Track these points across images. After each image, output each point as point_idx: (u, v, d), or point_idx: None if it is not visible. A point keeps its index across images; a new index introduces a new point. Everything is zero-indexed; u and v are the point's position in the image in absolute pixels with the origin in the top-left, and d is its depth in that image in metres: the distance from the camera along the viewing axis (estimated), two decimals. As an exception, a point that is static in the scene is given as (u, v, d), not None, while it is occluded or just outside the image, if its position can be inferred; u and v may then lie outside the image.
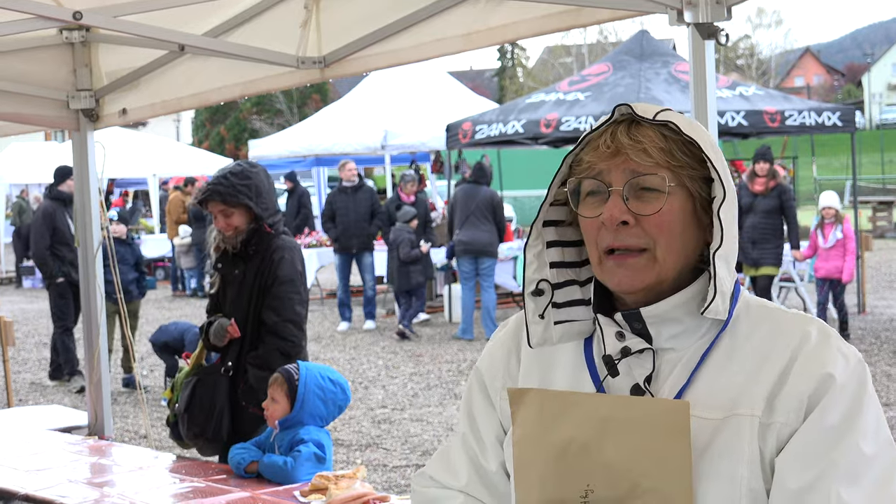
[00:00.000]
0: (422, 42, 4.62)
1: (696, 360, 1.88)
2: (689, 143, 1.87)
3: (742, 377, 1.84)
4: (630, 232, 1.86)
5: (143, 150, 26.16)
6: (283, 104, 52.55)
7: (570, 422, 1.85)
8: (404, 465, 8.39)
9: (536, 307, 1.98)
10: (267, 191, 5.45)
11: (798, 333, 1.87)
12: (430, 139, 19.35)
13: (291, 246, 5.56)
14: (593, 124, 8.56)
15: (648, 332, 1.90)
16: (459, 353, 13.41)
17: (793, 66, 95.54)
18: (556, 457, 1.86)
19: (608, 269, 1.89)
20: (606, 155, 1.88)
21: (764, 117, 14.26)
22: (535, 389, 1.93)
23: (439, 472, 2.16)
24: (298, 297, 5.48)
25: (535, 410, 1.90)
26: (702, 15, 3.70)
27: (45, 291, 22.65)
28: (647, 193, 1.86)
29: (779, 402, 1.81)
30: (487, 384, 2.11)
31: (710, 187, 1.89)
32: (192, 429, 5.53)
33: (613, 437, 1.81)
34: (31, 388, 12.16)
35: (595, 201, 1.90)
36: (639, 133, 1.88)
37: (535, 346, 1.98)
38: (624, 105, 1.92)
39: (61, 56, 5.69)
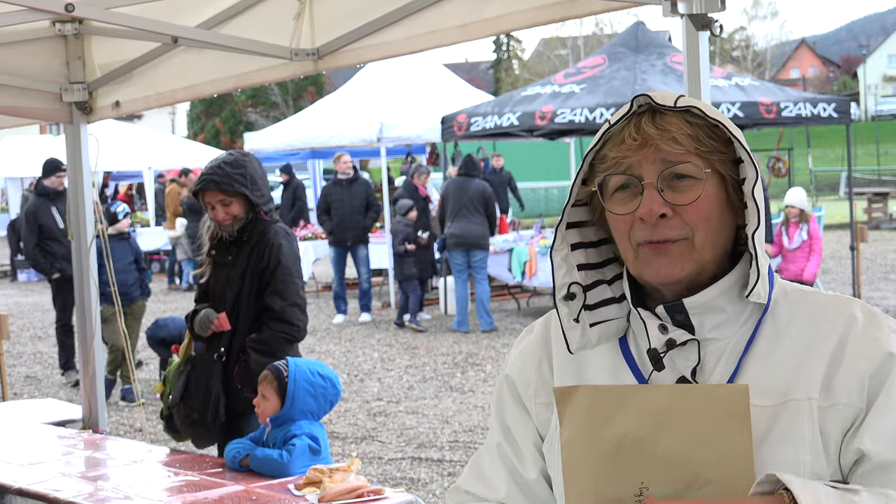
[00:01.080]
0: (416, 34, 4.60)
1: (742, 348, 1.85)
2: (714, 126, 1.84)
3: (791, 362, 1.82)
4: (669, 224, 1.82)
5: (139, 143, 26.11)
6: (278, 96, 52.52)
7: (622, 417, 1.79)
8: (399, 458, 8.38)
9: (570, 311, 1.93)
10: (260, 178, 5.49)
11: (843, 315, 1.84)
12: (425, 131, 19.31)
13: (288, 233, 5.62)
14: (589, 117, 8.63)
15: (691, 323, 1.86)
16: (455, 346, 13.41)
17: (788, 58, 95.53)
18: (610, 454, 1.79)
19: (646, 260, 1.84)
20: (634, 148, 1.83)
21: (760, 108, 14.26)
22: (584, 386, 1.86)
23: (475, 486, 2.09)
24: (301, 283, 5.57)
25: (584, 408, 1.83)
26: (696, 6, 3.68)
27: (40, 285, 22.77)
28: (682, 182, 1.82)
29: (837, 384, 1.78)
30: (521, 392, 2.05)
31: (738, 169, 1.86)
32: (190, 415, 5.55)
33: (669, 429, 1.75)
34: (26, 382, 12.15)
35: (625, 196, 1.85)
36: (664, 122, 1.83)
37: (575, 351, 1.93)
38: (642, 95, 1.87)
39: (54, 48, 5.66)
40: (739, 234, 1.90)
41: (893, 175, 43.95)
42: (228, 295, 5.53)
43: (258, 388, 4.91)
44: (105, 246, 5.93)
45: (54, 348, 14.34)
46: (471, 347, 13.24)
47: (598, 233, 1.96)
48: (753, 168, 1.82)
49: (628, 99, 7.14)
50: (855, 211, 16.60)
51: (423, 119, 19.03)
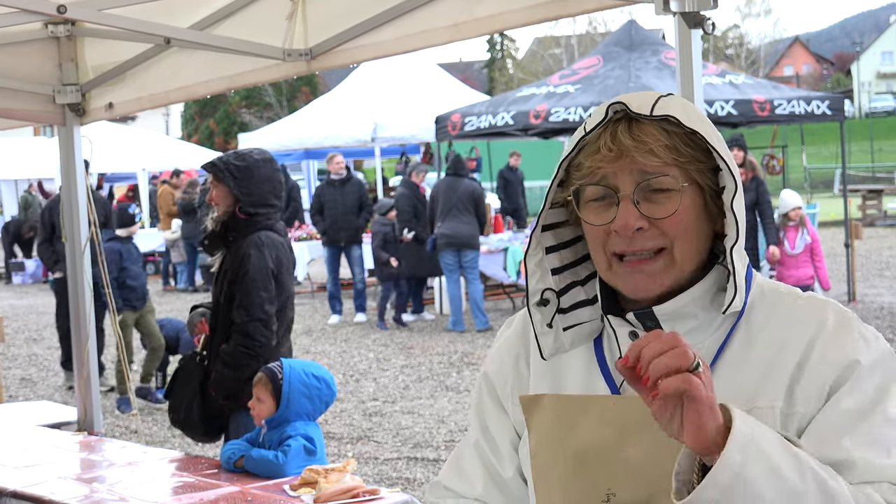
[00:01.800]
0: (408, 33, 4.60)
1: (713, 355, 1.83)
2: (692, 133, 1.80)
3: (760, 368, 1.80)
4: (645, 235, 1.79)
5: (133, 145, 26.10)
6: (272, 97, 52.50)
7: (587, 426, 1.81)
8: (395, 458, 8.38)
9: (543, 317, 1.91)
10: (259, 180, 5.42)
11: (814, 320, 1.82)
12: (419, 131, 19.34)
13: (267, 242, 5.43)
14: (583, 115, 8.64)
15: (662, 329, 1.82)
16: (450, 345, 13.41)
17: (782, 56, 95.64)
18: (576, 462, 1.81)
19: (621, 275, 1.82)
20: (609, 158, 1.80)
21: (753, 106, 14.26)
22: (549, 395, 1.88)
23: (454, 482, 2.09)
24: (267, 296, 5.37)
25: (550, 416, 1.85)
26: (688, 4, 3.68)
27: (34, 287, 22.76)
28: (658, 194, 1.79)
29: (799, 392, 1.77)
30: (498, 390, 2.05)
31: (717, 177, 1.82)
32: (173, 416, 5.66)
33: (633, 439, 1.76)
34: (21, 384, 12.13)
35: (600, 206, 1.82)
36: (641, 132, 1.79)
37: (548, 357, 1.92)
38: (617, 101, 1.82)
39: (46, 50, 5.66)
40: (715, 241, 1.87)
41: (888, 172, 43.98)
42: (213, 297, 5.61)
43: (253, 390, 4.91)
44: (98, 244, 5.91)
45: (49, 350, 14.34)
46: (466, 347, 13.24)
47: (574, 231, 1.95)
48: (732, 179, 1.79)
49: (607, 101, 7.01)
50: (849, 208, 16.60)
51: (418, 119, 19.05)
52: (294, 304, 5.73)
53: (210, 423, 5.49)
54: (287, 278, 5.54)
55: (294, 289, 5.71)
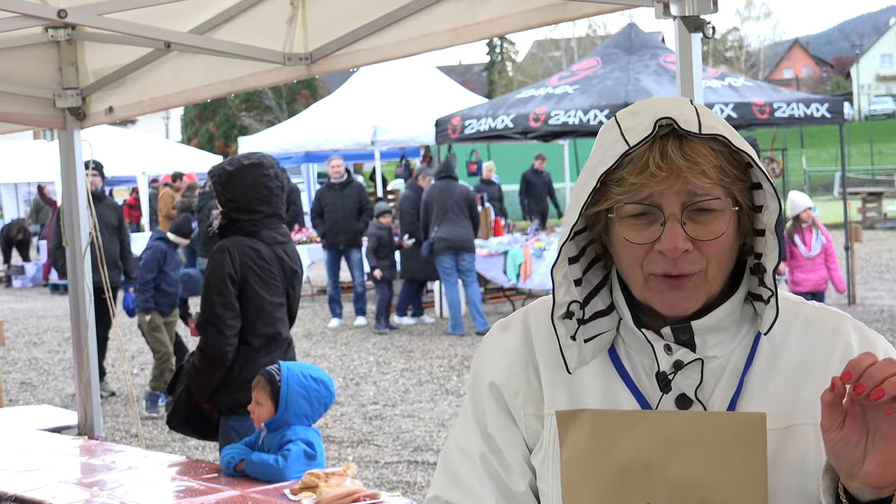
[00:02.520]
0: (408, 37, 4.60)
1: (742, 367, 1.82)
2: (736, 152, 1.75)
3: (791, 384, 1.80)
4: (689, 258, 1.75)
5: (133, 148, 26.12)
6: (272, 101, 52.52)
7: (630, 441, 1.76)
8: (396, 462, 8.38)
9: (567, 330, 1.86)
10: (244, 185, 5.35)
11: (840, 337, 1.82)
12: (419, 134, 19.35)
13: (234, 247, 5.35)
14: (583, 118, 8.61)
15: (693, 342, 1.81)
16: (450, 349, 13.41)
17: (781, 58, 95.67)
18: (615, 478, 1.77)
19: (658, 292, 1.79)
20: (660, 178, 1.73)
21: (753, 109, 14.27)
22: (589, 410, 1.82)
23: (458, 497, 1.96)
24: (220, 300, 5.27)
25: (587, 431, 1.80)
26: (688, 8, 3.69)
27: (34, 290, 22.75)
28: (704, 215, 1.75)
29: None
30: (508, 401, 1.95)
31: (751, 193, 1.80)
32: (167, 416, 5.73)
33: (681, 454, 1.73)
34: (21, 388, 12.13)
35: (641, 224, 1.77)
36: (693, 151, 1.74)
37: (574, 370, 1.87)
38: (665, 118, 1.75)
39: (47, 54, 5.66)
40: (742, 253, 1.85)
41: (887, 175, 44.01)
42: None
43: (252, 393, 4.91)
44: (98, 244, 5.91)
45: (49, 354, 14.34)
46: (466, 350, 13.24)
47: (587, 237, 1.90)
48: (776, 199, 1.77)
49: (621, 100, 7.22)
50: (849, 211, 16.62)
51: (417, 122, 19.06)
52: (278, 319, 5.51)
53: (201, 424, 5.52)
54: (259, 287, 5.38)
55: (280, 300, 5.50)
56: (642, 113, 1.79)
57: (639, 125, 1.76)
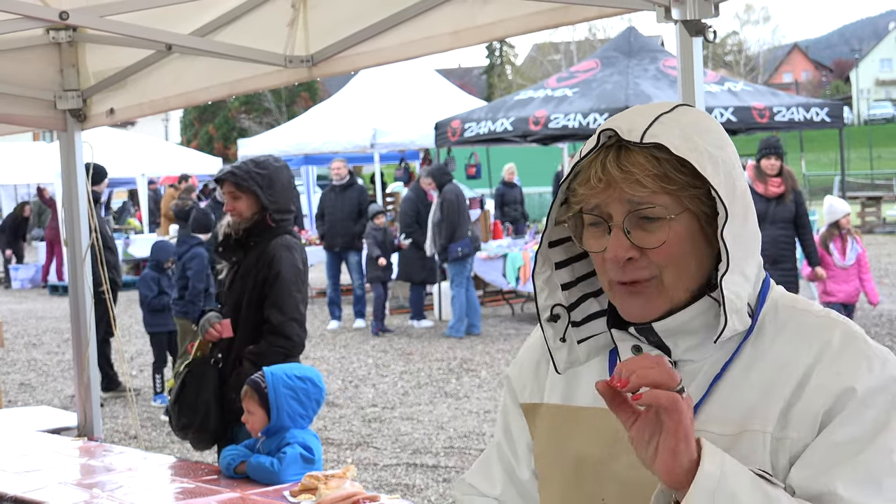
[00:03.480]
0: (409, 40, 4.61)
1: (715, 372, 1.81)
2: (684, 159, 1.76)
3: (759, 390, 1.77)
4: (637, 265, 1.78)
5: (132, 150, 26.11)
6: (271, 103, 52.51)
7: (581, 436, 1.83)
8: (395, 464, 8.38)
9: (555, 332, 1.91)
10: (282, 186, 5.51)
11: (819, 340, 1.78)
12: (419, 137, 19.35)
13: (293, 245, 5.59)
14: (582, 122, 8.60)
15: (665, 344, 1.83)
16: (449, 352, 13.41)
17: (781, 62, 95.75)
18: (572, 471, 1.85)
19: (620, 298, 1.83)
20: (599, 189, 1.78)
21: (753, 113, 14.28)
22: (546, 405, 1.91)
23: (478, 480, 2.15)
24: (300, 296, 5.52)
25: (547, 425, 1.89)
26: (689, 12, 3.69)
27: (34, 292, 22.75)
28: (650, 223, 1.77)
29: (792, 417, 1.74)
30: (517, 392, 2.08)
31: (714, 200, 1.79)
32: (181, 420, 5.59)
33: (626, 451, 1.74)
34: (21, 389, 12.12)
35: (597, 232, 1.81)
36: (628, 161, 1.76)
37: (563, 371, 1.92)
38: (608, 128, 1.79)
39: (48, 56, 5.66)
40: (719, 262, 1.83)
41: (886, 179, 44.01)
42: (230, 300, 5.58)
43: (242, 404, 4.91)
44: (98, 245, 5.92)
45: (48, 355, 14.34)
46: (465, 353, 13.24)
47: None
48: (724, 207, 1.74)
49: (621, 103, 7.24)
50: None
51: (417, 125, 19.07)
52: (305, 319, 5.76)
53: (224, 430, 5.49)
54: (307, 282, 5.69)
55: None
56: (610, 121, 1.83)
57: (591, 140, 1.82)
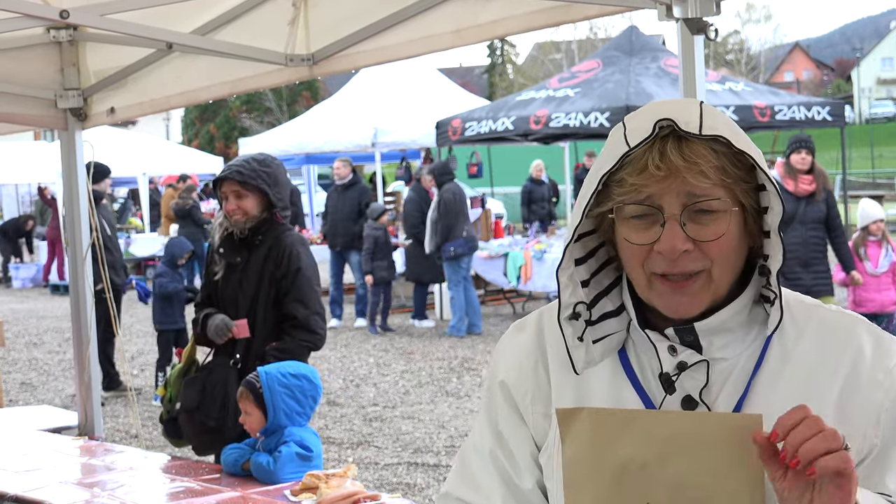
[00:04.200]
0: (411, 39, 4.60)
1: (750, 370, 1.81)
2: (740, 153, 1.75)
3: (799, 386, 1.78)
4: (689, 257, 1.75)
5: (133, 149, 26.11)
6: (272, 102, 52.51)
7: (629, 440, 1.76)
8: (395, 463, 8.38)
9: (574, 331, 1.87)
10: (283, 183, 5.52)
11: (852, 339, 1.81)
12: (420, 136, 19.35)
13: (304, 241, 5.64)
14: (583, 120, 8.60)
15: (699, 343, 1.81)
16: (451, 351, 13.40)
17: (782, 61, 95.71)
18: (614, 476, 1.76)
19: (662, 294, 1.79)
20: (658, 178, 1.74)
21: (754, 112, 14.29)
22: (589, 409, 1.82)
23: (468, 494, 2.00)
24: (320, 291, 5.59)
25: (587, 429, 1.79)
26: (691, 10, 3.69)
27: (34, 291, 22.75)
28: (705, 216, 1.75)
29: (851, 412, 1.76)
30: (517, 399, 1.98)
31: (758, 195, 1.79)
32: (207, 422, 5.49)
33: (679, 455, 1.72)
34: (21, 389, 12.12)
35: (642, 225, 1.78)
36: (692, 152, 1.74)
37: (581, 370, 1.88)
38: (664, 119, 1.75)
39: (49, 55, 5.66)
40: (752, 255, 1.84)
41: (888, 178, 44.00)
42: (242, 299, 5.51)
43: (239, 405, 4.90)
44: (98, 244, 5.91)
45: (49, 355, 14.34)
46: (466, 352, 13.24)
47: (598, 239, 1.91)
48: (779, 200, 1.75)
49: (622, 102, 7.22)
50: (850, 214, 16.60)
51: (418, 124, 19.07)
52: None
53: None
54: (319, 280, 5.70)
55: None
56: (646, 114, 1.79)
57: (640, 126, 1.77)
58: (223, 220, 5.53)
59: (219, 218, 5.63)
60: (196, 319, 5.64)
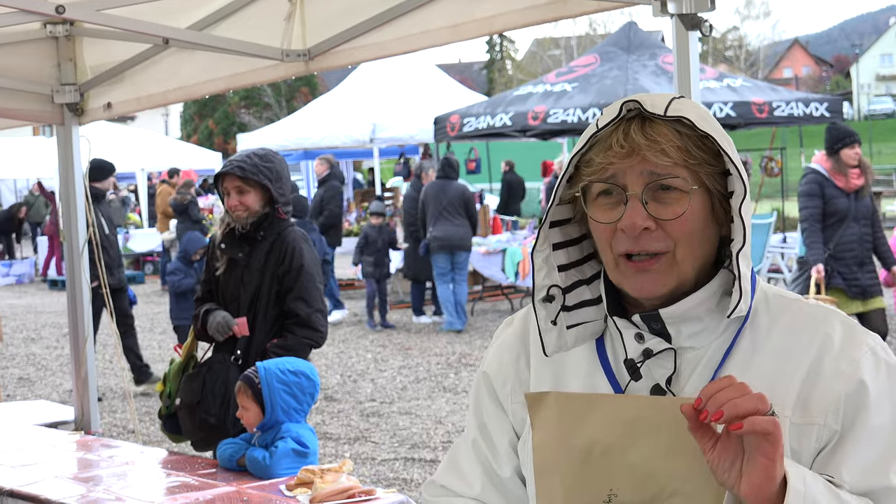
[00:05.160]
0: (407, 34, 4.61)
1: (719, 359, 1.82)
2: (704, 137, 1.79)
3: (766, 375, 1.79)
4: (651, 236, 1.79)
5: (132, 145, 26.11)
6: (271, 98, 52.50)
7: (592, 424, 1.79)
8: (392, 459, 8.38)
9: (548, 314, 1.90)
10: (285, 179, 5.50)
11: (821, 330, 1.81)
12: (418, 132, 19.36)
13: (307, 237, 5.62)
14: (581, 116, 8.59)
15: (667, 332, 1.84)
16: (448, 346, 13.41)
17: (781, 58, 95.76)
18: (579, 460, 1.80)
19: (627, 275, 1.82)
20: (621, 155, 1.78)
21: (752, 108, 14.28)
22: (555, 393, 1.86)
23: (451, 481, 2.08)
24: (323, 288, 5.59)
25: (554, 414, 1.83)
26: (685, 6, 3.69)
27: (32, 286, 22.74)
28: (667, 195, 1.78)
29: (813, 403, 1.77)
30: (497, 389, 2.03)
31: (726, 181, 1.82)
32: (208, 419, 5.47)
33: (639, 439, 1.74)
34: (19, 384, 12.13)
35: (608, 203, 1.82)
36: (654, 131, 1.78)
37: (551, 354, 1.91)
38: (631, 101, 1.81)
39: (45, 50, 5.66)
40: (722, 244, 1.86)
41: (886, 174, 44.03)
42: (243, 295, 5.51)
43: (237, 400, 4.90)
44: (95, 240, 5.91)
45: (47, 350, 14.34)
46: (464, 348, 13.24)
47: (580, 229, 1.94)
48: (742, 183, 1.78)
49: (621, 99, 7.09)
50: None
51: (416, 120, 19.07)
52: None
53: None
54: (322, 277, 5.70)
55: None
56: (618, 102, 1.85)
57: (610, 111, 1.84)
58: (225, 216, 5.53)
59: (221, 213, 5.63)
60: (196, 315, 5.62)
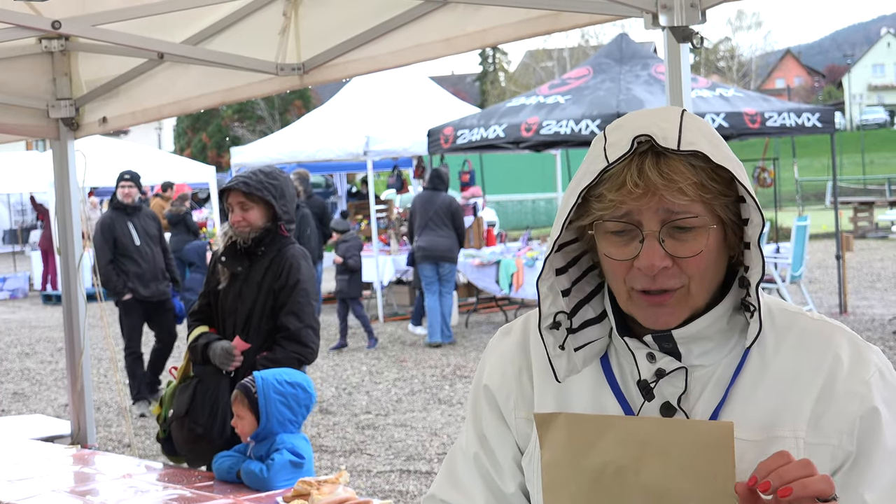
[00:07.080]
0: (401, 47, 4.63)
1: (729, 377, 1.82)
2: (718, 167, 1.75)
3: (777, 395, 1.79)
4: (668, 273, 1.76)
5: (125, 159, 26.04)
6: (264, 111, 52.53)
7: (605, 445, 1.77)
8: (388, 471, 8.39)
9: (556, 340, 1.88)
10: (290, 196, 5.54)
11: (830, 349, 1.81)
12: (412, 144, 19.35)
13: (306, 254, 5.64)
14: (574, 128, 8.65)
15: (678, 350, 1.83)
16: (443, 358, 13.42)
17: (773, 68, 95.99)
18: (590, 481, 1.78)
19: (641, 307, 1.80)
20: (636, 195, 1.74)
21: (744, 119, 14.30)
22: (566, 414, 1.83)
23: (452, 496, 2.03)
24: (316, 305, 5.62)
25: (564, 434, 1.81)
26: (676, 18, 3.72)
27: (27, 301, 22.72)
28: (684, 233, 1.75)
29: (827, 423, 1.77)
30: (500, 404, 2.00)
31: (738, 207, 1.79)
32: (195, 429, 5.49)
33: (653, 460, 1.73)
34: (14, 399, 12.12)
35: (622, 241, 1.78)
36: (669, 168, 1.73)
37: (563, 379, 1.88)
38: (642, 135, 1.75)
39: (40, 65, 5.68)
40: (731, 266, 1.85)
41: (878, 184, 44.11)
42: (240, 308, 5.53)
43: (232, 408, 4.91)
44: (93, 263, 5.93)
45: (41, 365, 14.33)
46: (458, 360, 13.25)
47: (580, 248, 1.92)
48: (759, 212, 1.75)
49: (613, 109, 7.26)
50: (841, 220, 16.67)
51: (410, 132, 19.07)
52: None
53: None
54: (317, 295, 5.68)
55: None
56: (625, 127, 1.80)
57: (619, 141, 1.77)
58: (228, 230, 5.56)
59: (225, 228, 5.65)
60: (195, 347, 5.59)
